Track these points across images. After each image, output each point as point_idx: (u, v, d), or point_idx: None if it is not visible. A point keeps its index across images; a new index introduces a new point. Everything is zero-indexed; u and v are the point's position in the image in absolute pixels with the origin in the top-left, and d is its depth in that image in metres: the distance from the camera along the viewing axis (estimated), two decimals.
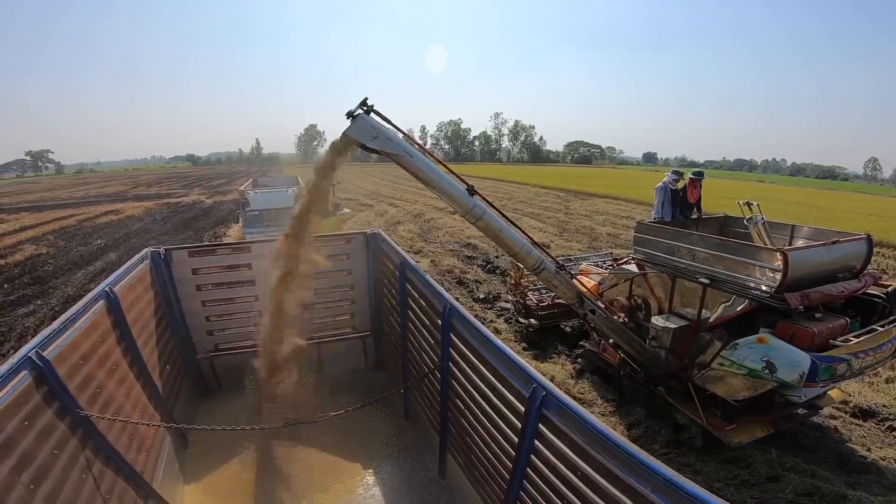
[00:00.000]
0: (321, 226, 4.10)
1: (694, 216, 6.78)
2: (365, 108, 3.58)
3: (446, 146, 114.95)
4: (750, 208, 5.59)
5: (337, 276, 5.41)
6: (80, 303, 3.20)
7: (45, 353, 2.56)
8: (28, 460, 2.25)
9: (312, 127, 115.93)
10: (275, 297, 3.97)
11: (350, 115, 3.57)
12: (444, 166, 3.87)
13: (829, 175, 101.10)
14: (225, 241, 13.68)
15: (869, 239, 4.55)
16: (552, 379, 5.79)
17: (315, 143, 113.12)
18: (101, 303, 3.40)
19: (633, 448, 1.82)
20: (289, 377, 4.22)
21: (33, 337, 2.70)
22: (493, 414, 2.88)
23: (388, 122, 3.67)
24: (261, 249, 4.93)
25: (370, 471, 4.24)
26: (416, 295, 4.16)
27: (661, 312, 4.99)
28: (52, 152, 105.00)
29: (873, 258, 4.72)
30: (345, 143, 3.63)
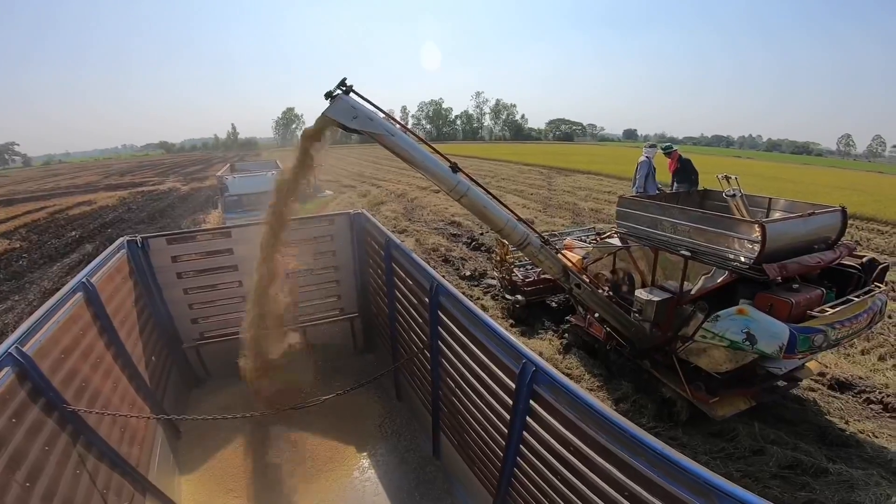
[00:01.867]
0: (302, 209, 4.07)
1: (700, 188, 6.88)
2: (344, 89, 3.50)
3: (428, 126, 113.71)
4: (728, 182, 5.67)
5: (322, 257, 5.35)
6: (57, 296, 3.10)
7: (25, 349, 2.49)
8: (20, 458, 2.21)
9: (290, 110, 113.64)
10: (258, 301, 3.96)
11: (329, 95, 3.48)
12: (427, 145, 3.83)
13: (803, 150, 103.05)
14: (204, 227, 13.43)
15: (843, 211, 4.65)
16: (540, 355, 5.85)
17: (294, 126, 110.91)
18: (78, 295, 3.29)
19: (626, 423, 1.83)
20: (278, 369, 4.21)
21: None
22: (483, 391, 2.89)
23: (368, 101, 3.59)
24: (242, 234, 4.83)
25: (364, 453, 4.26)
26: (402, 274, 4.13)
27: (644, 285, 5.05)
28: (18, 144, 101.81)
29: (847, 230, 4.82)
30: (324, 124, 3.55)
